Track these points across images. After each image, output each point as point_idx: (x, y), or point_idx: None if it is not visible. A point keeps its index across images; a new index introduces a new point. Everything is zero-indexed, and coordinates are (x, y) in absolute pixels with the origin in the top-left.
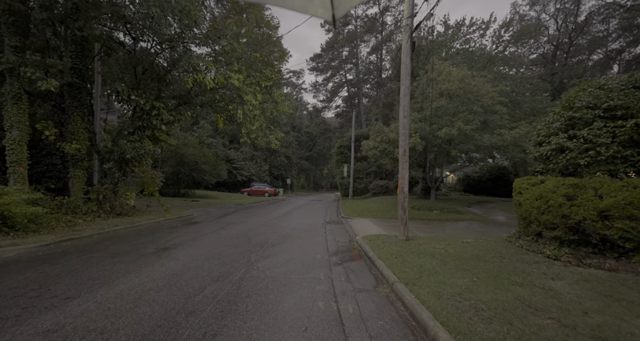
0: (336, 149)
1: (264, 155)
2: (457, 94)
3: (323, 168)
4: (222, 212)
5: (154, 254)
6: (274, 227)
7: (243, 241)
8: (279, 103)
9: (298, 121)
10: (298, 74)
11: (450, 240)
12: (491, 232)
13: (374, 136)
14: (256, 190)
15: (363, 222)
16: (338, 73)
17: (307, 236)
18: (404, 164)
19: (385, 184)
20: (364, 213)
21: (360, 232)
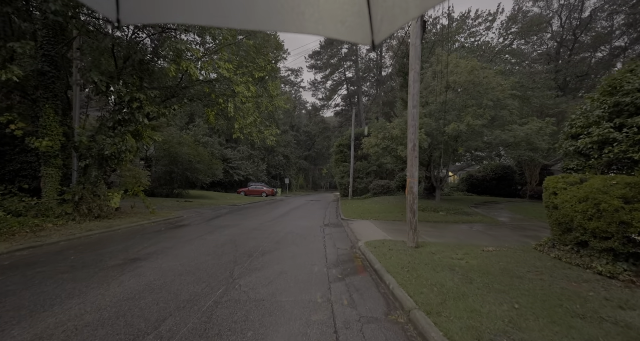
0: (335, 148)
1: (262, 155)
2: (466, 87)
3: (322, 168)
4: (215, 214)
5: (117, 268)
6: (267, 231)
7: (230, 249)
8: (274, 97)
9: (297, 120)
10: (297, 72)
11: (467, 248)
12: (508, 237)
13: (376, 133)
14: (253, 191)
15: (365, 224)
16: (337, 71)
17: (303, 242)
18: (413, 161)
19: (386, 184)
20: (365, 215)
21: (362, 236)
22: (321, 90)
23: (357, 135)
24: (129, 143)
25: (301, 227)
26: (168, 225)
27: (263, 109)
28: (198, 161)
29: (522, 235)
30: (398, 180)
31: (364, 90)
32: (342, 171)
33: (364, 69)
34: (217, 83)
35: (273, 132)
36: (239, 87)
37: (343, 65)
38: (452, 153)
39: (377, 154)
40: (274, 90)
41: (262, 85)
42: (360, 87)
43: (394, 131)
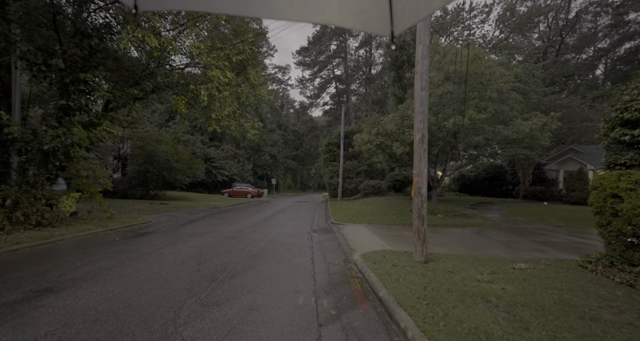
0: (324, 147)
1: (247, 154)
2: (468, 77)
3: (310, 167)
4: (190, 218)
5: (5, 308)
6: (245, 239)
7: (189, 268)
8: (256, 86)
9: (284, 119)
10: (284, 69)
11: (488, 262)
12: (520, 245)
13: (369, 128)
14: (238, 191)
15: (358, 229)
16: (326, 68)
17: (286, 255)
18: (421, 155)
19: (377, 184)
20: (357, 218)
21: (357, 245)
22: (309, 88)
23: (347, 134)
24: (76, 136)
25: (285, 234)
26: (127, 233)
27: (243, 100)
28: (176, 160)
29: (533, 241)
30: (389, 180)
31: (352, 89)
32: (330, 171)
33: (352, 67)
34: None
35: (255, 125)
36: (212, 72)
37: (331, 62)
38: (449, 151)
39: (370, 151)
40: (255, 79)
41: (243, 74)
42: (349, 85)
43: (389, 126)
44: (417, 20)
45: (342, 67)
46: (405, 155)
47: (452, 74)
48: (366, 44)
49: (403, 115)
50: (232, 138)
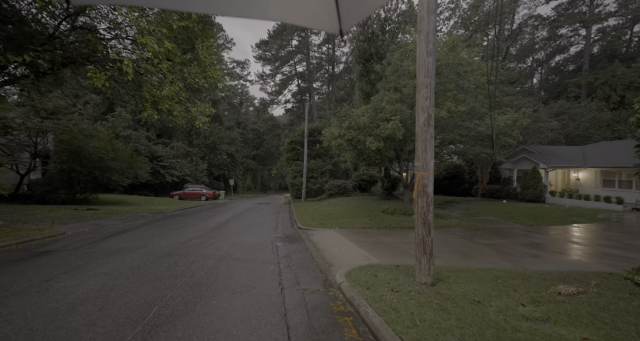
0: (287, 145)
1: (201, 152)
2: (446, 67)
3: (271, 168)
4: (122, 227)
5: None
6: (189, 256)
7: (80, 318)
8: (207, 66)
9: (243, 117)
10: (243, 64)
11: (511, 281)
12: (512, 248)
13: (339, 122)
14: (190, 193)
15: (330, 236)
16: (287, 64)
17: (244, 278)
18: (427, 142)
19: (342, 184)
20: (326, 222)
21: (335, 258)
22: (270, 84)
23: (311, 131)
24: None
25: (244, 245)
26: (16, 252)
27: (191, 81)
28: (113, 158)
29: (520, 243)
30: (355, 180)
31: (315, 87)
32: (294, 170)
33: (315, 65)
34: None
35: (205, 111)
36: (143, 38)
37: (293, 58)
38: None
39: (340, 147)
40: (205, 56)
41: (190, 52)
42: (312, 82)
43: (362, 119)
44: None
45: (304, 63)
46: (377, 153)
47: None
48: (329, 41)
49: (377, 108)
50: (184, 135)
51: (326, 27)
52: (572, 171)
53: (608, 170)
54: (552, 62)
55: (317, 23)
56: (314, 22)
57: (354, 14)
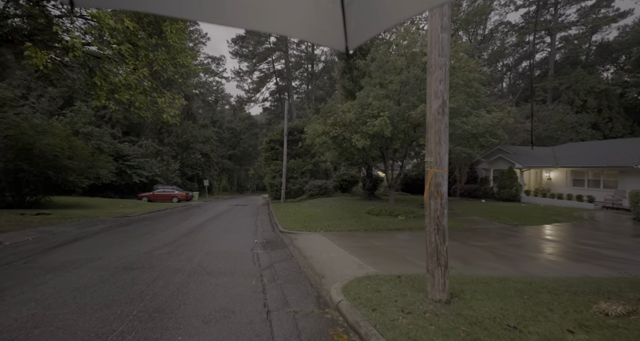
0: (265, 145)
1: (173, 151)
2: None
3: (249, 168)
4: (75, 235)
5: None
6: (152, 271)
7: None
8: (178, 52)
9: (219, 115)
10: (218, 60)
11: (537, 296)
12: (508, 251)
13: (323, 119)
14: (161, 195)
15: (316, 240)
16: (265, 61)
17: (220, 300)
18: (441, 133)
19: (323, 184)
20: (310, 224)
21: (325, 268)
22: (247, 81)
23: (290, 130)
24: None
25: (220, 255)
26: None
27: (158, 68)
28: (70, 156)
29: (513, 245)
30: (336, 180)
31: (294, 86)
32: (272, 170)
33: (294, 64)
34: None
35: (175, 103)
36: (95, 11)
37: (272, 55)
38: (408, 146)
39: (325, 145)
40: (175, 40)
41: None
42: (291, 80)
43: (348, 115)
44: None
45: (283, 61)
46: (361, 151)
47: (416, 55)
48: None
49: (363, 104)
50: (154, 132)
51: (332, 44)
52: (545, 171)
53: (578, 170)
54: (520, 68)
55: (323, 40)
56: (320, 38)
57: (360, 34)
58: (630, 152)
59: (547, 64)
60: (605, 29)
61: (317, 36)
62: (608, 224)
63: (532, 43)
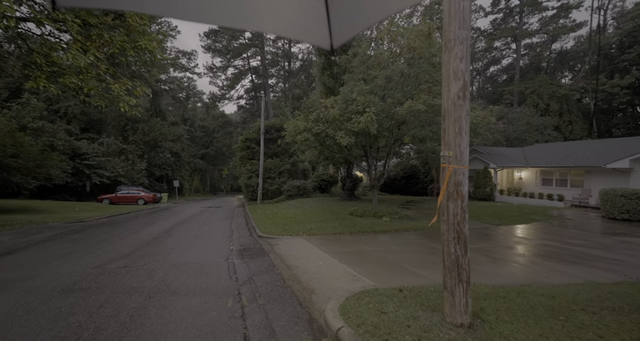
0: (241, 143)
1: (139, 150)
2: (419, 58)
3: (222, 168)
4: (9, 246)
5: None
6: (98, 294)
7: None
8: (139, 34)
9: (191, 113)
10: (189, 55)
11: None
12: (501, 255)
13: (304, 114)
14: (124, 197)
15: (300, 246)
16: (240, 57)
17: (187, 335)
18: (462, 121)
19: (302, 184)
20: (291, 227)
21: (314, 281)
22: (221, 78)
23: (267, 128)
24: None
25: (189, 267)
26: None
27: (114, 51)
28: (14, 154)
29: (505, 247)
30: (314, 180)
31: (270, 84)
32: (248, 170)
33: (270, 61)
34: None
35: (136, 91)
36: None
37: (247, 52)
38: (392, 144)
39: (307, 143)
40: (136, 21)
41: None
42: (267, 77)
43: (332, 111)
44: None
45: (259, 58)
46: (343, 150)
47: (403, 48)
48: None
49: (347, 99)
50: (117, 129)
51: (317, 42)
52: (516, 171)
53: (546, 170)
54: (488, 72)
55: (309, 37)
56: (306, 36)
57: (344, 32)
58: (594, 152)
59: (513, 69)
60: (564, 38)
61: (302, 34)
62: (583, 223)
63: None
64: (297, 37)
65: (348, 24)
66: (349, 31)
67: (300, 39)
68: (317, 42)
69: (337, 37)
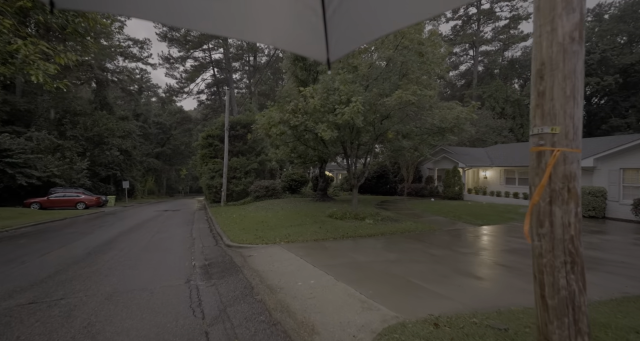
0: (202, 141)
1: (80, 147)
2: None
3: (180, 167)
4: None
5: None
6: None
7: None
8: None
9: (144, 107)
10: (142, 44)
11: None
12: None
13: (280, 105)
14: (60, 200)
15: (281, 258)
16: (200, 48)
17: None
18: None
19: (271, 185)
20: (265, 233)
21: (312, 312)
22: (179, 70)
23: (233, 124)
24: None
25: (130, 300)
26: None
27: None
28: None
29: (506, 252)
30: (284, 180)
31: (235, 79)
32: (211, 169)
33: (234, 55)
34: None
35: (58, 57)
36: None
37: (208, 43)
38: (375, 140)
39: (282, 137)
40: None
41: None
42: (231, 71)
43: (312, 101)
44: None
45: (222, 50)
46: (323, 146)
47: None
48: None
49: (328, 89)
50: (51, 123)
51: (314, 55)
52: (481, 170)
53: (509, 169)
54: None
55: (306, 51)
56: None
57: (341, 46)
58: None
59: (471, 74)
60: (514, 47)
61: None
62: None
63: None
64: (294, 49)
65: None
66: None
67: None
68: (314, 55)
69: (334, 52)
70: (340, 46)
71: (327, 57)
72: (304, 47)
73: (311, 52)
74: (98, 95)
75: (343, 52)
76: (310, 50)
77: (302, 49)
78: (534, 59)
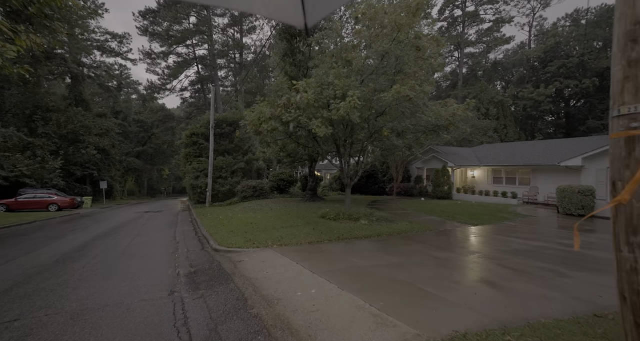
0: (186, 139)
1: (53, 145)
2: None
3: (163, 167)
4: None
5: None
6: None
7: None
8: None
9: (124, 105)
10: (122, 38)
11: None
12: (532, 270)
13: (271, 100)
14: (29, 202)
15: (275, 263)
16: (184, 44)
17: None
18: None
19: (259, 185)
20: (255, 235)
21: (322, 333)
22: (161, 66)
23: (219, 122)
24: None
25: (102, 319)
26: None
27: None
28: None
29: (508, 252)
30: (272, 180)
31: (220, 76)
32: (195, 169)
33: (219, 52)
34: None
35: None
36: None
37: (192, 39)
38: (369, 138)
39: (274, 135)
40: None
41: None
42: (216, 68)
43: (305, 95)
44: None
45: (206, 46)
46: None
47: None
48: (237, 23)
49: (322, 83)
50: (21, 119)
51: (291, 21)
52: (470, 170)
53: (497, 169)
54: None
55: (282, 16)
56: (279, 15)
57: (319, 10)
58: (537, 152)
59: (456, 76)
60: (497, 49)
61: (275, 12)
62: (550, 221)
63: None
64: (270, 15)
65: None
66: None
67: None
68: (291, 21)
69: (312, 16)
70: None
71: (305, 22)
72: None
73: (288, 18)
74: (73, 91)
75: (321, 15)
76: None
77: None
78: (621, 18)
